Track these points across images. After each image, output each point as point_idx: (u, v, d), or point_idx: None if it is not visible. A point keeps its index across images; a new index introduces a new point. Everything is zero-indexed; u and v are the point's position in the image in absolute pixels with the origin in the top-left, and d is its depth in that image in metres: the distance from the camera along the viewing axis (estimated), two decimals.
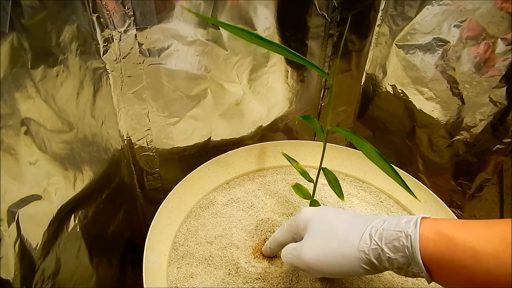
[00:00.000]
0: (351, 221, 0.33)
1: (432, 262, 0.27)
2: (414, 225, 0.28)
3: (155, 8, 0.41)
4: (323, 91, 0.63)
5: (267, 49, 0.34)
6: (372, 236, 0.30)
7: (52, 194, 0.36)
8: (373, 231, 0.30)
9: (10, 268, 0.31)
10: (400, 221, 0.30)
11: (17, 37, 0.29)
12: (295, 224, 0.37)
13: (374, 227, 0.31)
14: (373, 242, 0.30)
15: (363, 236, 0.30)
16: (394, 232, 0.29)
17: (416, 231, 0.28)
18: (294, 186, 0.46)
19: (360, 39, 0.59)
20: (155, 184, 0.57)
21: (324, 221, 0.34)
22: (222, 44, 0.48)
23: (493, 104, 0.50)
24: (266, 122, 0.61)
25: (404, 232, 0.28)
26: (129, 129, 0.50)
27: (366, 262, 0.30)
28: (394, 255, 0.29)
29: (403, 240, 0.28)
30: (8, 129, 0.29)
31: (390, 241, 0.29)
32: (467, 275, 0.26)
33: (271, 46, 0.33)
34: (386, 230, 0.29)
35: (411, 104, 0.60)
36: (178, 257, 0.43)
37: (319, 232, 0.34)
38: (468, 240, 0.26)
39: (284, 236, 0.38)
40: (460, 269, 0.26)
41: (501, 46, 0.47)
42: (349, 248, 0.31)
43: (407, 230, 0.28)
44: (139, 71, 0.45)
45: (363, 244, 0.30)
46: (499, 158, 0.52)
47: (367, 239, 0.30)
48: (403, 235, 0.28)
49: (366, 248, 0.30)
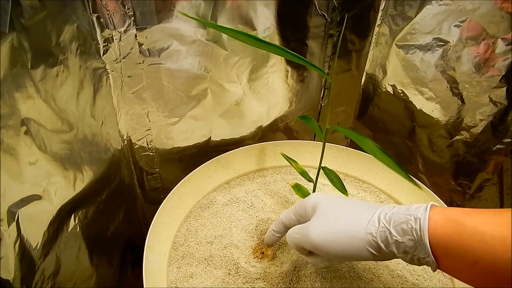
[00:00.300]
0: (360, 206, 0.33)
1: (439, 246, 0.27)
2: (424, 210, 0.29)
3: (155, 8, 0.41)
4: (323, 91, 0.63)
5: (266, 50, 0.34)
6: (381, 219, 0.30)
7: (52, 194, 0.36)
8: (382, 214, 0.31)
9: (10, 268, 0.31)
10: (410, 207, 0.30)
11: (17, 37, 0.29)
12: (303, 207, 0.36)
13: (384, 211, 0.31)
14: (381, 225, 0.30)
15: (372, 219, 0.31)
16: (403, 215, 0.29)
17: (425, 215, 0.28)
18: (294, 186, 0.46)
19: (360, 39, 0.59)
20: (155, 184, 0.57)
21: (333, 204, 0.34)
22: (222, 44, 0.48)
23: (493, 104, 0.50)
24: (266, 122, 0.61)
25: (414, 215, 0.29)
26: (129, 129, 0.50)
27: (372, 244, 0.30)
28: (401, 238, 0.29)
29: (412, 223, 0.28)
30: (8, 129, 0.29)
31: (399, 224, 0.29)
32: (474, 258, 0.26)
33: (271, 48, 0.33)
34: (395, 214, 0.30)
35: (411, 104, 0.60)
36: (178, 257, 0.43)
37: (327, 213, 0.34)
38: (476, 225, 0.26)
39: (290, 219, 0.38)
40: (467, 253, 0.26)
41: (501, 46, 0.47)
42: (357, 229, 0.31)
43: (416, 213, 0.29)
44: (139, 71, 0.45)
45: (371, 226, 0.30)
46: (499, 158, 0.52)
47: (375, 222, 0.30)
48: (412, 218, 0.28)
49: (373, 230, 0.30)
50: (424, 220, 0.28)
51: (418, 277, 0.41)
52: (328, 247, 0.32)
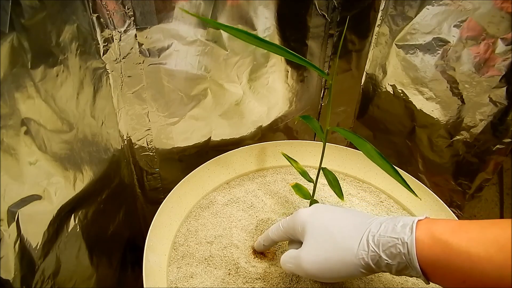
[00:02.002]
0: (348, 224, 0.33)
1: (428, 265, 0.28)
2: (410, 231, 0.29)
3: (155, 8, 0.41)
4: (323, 91, 0.63)
5: (266, 50, 0.34)
6: (370, 242, 0.30)
7: (52, 194, 0.36)
8: (370, 237, 0.31)
9: (10, 268, 0.31)
10: (396, 225, 0.30)
11: (17, 37, 0.29)
12: (292, 226, 0.37)
13: (371, 232, 0.31)
14: (370, 249, 0.30)
15: (361, 242, 0.31)
16: (390, 238, 0.29)
17: (412, 238, 0.28)
18: (294, 186, 0.46)
19: (360, 39, 0.59)
20: (155, 184, 0.57)
21: (321, 224, 0.34)
22: (222, 44, 0.48)
23: (493, 104, 0.50)
24: (266, 122, 0.61)
25: (401, 239, 0.29)
26: (129, 129, 0.50)
27: (365, 267, 0.31)
28: (392, 261, 0.29)
29: (400, 247, 0.28)
30: (8, 129, 0.29)
31: (387, 248, 0.29)
32: (462, 277, 0.26)
33: (271, 47, 0.33)
34: (383, 237, 0.30)
35: (411, 104, 0.60)
36: (178, 257, 0.43)
37: (316, 238, 0.34)
38: (462, 244, 0.26)
39: (280, 236, 0.39)
40: (455, 272, 0.26)
41: (501, 46, 0.47)
42: (348, 255, 0.31)
43: (403, 237, 0.29)
44: (139, 71, 0.45)
45: (361, 251, 0.30)
46: (499, 158, 0.52)
47: (365, 246, 0.30)
48: (400, 242, 0.29)
49: (364, 255, 0.30)
50: (411, 244, 0.28)
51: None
52: (322, 275, 0.33)
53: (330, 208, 0.37)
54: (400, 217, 0.31)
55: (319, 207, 0.37)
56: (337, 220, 0.34)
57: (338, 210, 0.36)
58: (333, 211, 0.36)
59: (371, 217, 0.33)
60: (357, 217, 0.34)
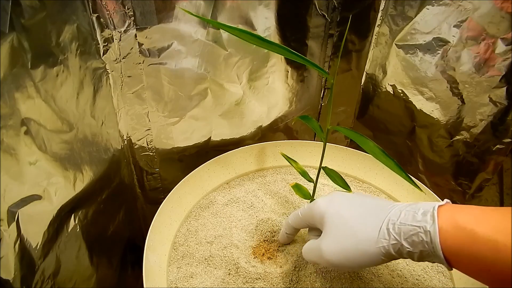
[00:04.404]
0: (367, 213, 0.33)
1: (452, 254, 0.27)
2: (432, 219, 0.28)
3: (155, 8, 0.41)
4: (323, 91, 0.63)
5: (268, 50, 0.34)
6: (390, 231, 0.30)
7: (52, 194, 0.36)
8: (390, 225, 0.30)
9: (10, 268, 0.31)
10: (416, 213, 0.29)
11: (17, 37, 0.29)
12: (310, 215, 0.37)
13: (391, 220, 0.30)
14: (392, 238, 0.30)
15: (381, 231, 0.31)
16: (412, 227, 0.29)
17: (435, 227, 0.28)
18: (294, 186, 0.46)
19: (360, 39, 0.59)
20: (155, 184, 0.57)
21: (339, 214, 0.34)
22: (222, 44, 0.48)
23: (493, 104, 0.50)
24: (266, 122, 0.61)
25: (423, 227, 0.28)
26: (129, 129, 0.50)
27: (386, 255, 0.30)
28: (413, 249, 0.29)
29: (422, 235, 0.28)
30: (8, 129, 0.29)
31: (409, 236, 0.29)
32: (487, 266, 0.26)
33: (272, 47, 0.33)
34: (404, 225, 0.29)
35: (411, 104, 0.60)
36: (178, 257, 0.43)
37: (335, 228, 0.34)
38: (488, 233, 0.26)
39: (299, 225, 0.40)
40: (480, 261, 0.26)
41: (501, 46, 0.47)
42: (369, 245, 0.31)
43: (425, 225, 0.28)
44: (139, 71, 0.45)
45: (382, 239, 0.30)
46: (499, 158, 0.52)
47: (385, 234, 0.30)
48: (422, 231, 0.28)
49: (385, 243, 0.30)
50: (434, 232, 0.28)
51: (418, 277, 0.41)
52: (343, 264, 0.33)
53: (347, 195, 0.36)
54: (419, 204, 0.31)
55: (336, 195, 0.37)
56: (355, 208, 0.34)
57: (356, 197, 0.36)
58: (350, 198, 0.36)
59: (389, 204, 0.33)
60: (375, 205, 0.34)
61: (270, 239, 0.45)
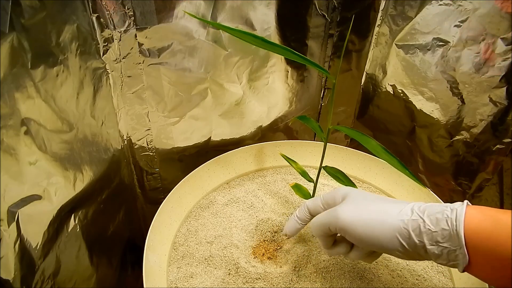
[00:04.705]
0: (392, 200, 0.34)
1: (474, 239, 0.27)
2: (461, 204, 0.29)
3: (155, 8, 0.41)
4: (323, 91, 0.63)
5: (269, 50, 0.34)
6: (414, 209, 0.30)
7: (52, 194, 0.36)
8: (415, 206, 0.31)
9: (10, 268, 0.31)
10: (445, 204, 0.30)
11: (17, 37, 0.29)
12: (332, 196, 0.36)
13: (417, 204, 0.31)
14: (414, 214, 0.30)
15: (404, 208, 0.31)
16: (439, 207, 0.30)
17: (463, 207, 0.29)
18: (294, 186, 0.46)
19: (360, 39, 0.59)
20: (155, 184, 0.57)
21: (364, 195, 0.35)
22: (222, 44, 0.48)
23: (493, 104, 0.50)
24: (266, 122, 0.61)
25: (450, 206, 0.29)
26: (129, 129, 0.50)
27: (402, 232, 0.30)
28: (434, 228, 0.29)
29: (448, 213, 0.29)
30: (8, 129, 0.29)
31: (433, 214, 0.29)
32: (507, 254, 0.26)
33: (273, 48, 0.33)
34: (430, 206, 0.30)
35: (411, 104, 0.60)
36: (178, 257, 0.43)
37: (358, 200, 0.34)
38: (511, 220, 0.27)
39: (317, 207, 0.38)
40: (503, 249, 0.26)
41: (501, 46, 0.47)
42: (388, 216, 0.31)
43: (453, 205, 0.29)
44: (139, 71, 0.45)
45: (403, 214, 0.30)
46: (499, 158, 0.52)
47: (408, 211, 0.30)
48: (448, 209, 0.29)
49: (406, 218, 0.30)
50: (461, 210, 0.28)
51: (418, 277, 0.41)
52: (355, 230, 0.32)
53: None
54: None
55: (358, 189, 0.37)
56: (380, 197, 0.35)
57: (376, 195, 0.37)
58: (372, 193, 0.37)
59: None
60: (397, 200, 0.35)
61: (270, 239, 0.45)
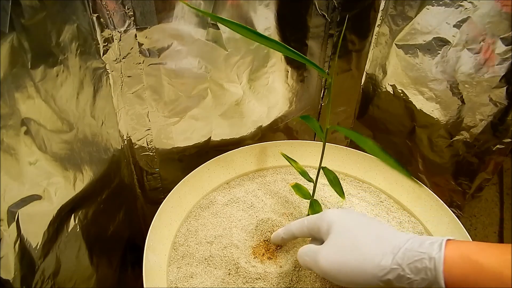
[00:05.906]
0: (374, 234, 0.33)
1: (455, 284, 0.27)
2: (439, 248, 0.28)
3: (155, 8, 0.41)
4: (323, 91, 0.63)
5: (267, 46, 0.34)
6: (394, 255, 0.30)
7: (52, 194, 0.36)
8: (395, 249, 0.30)
9: (10, 268, 0.31)
10: (424, 242, 0.29)
11: (17, 37, 0.29)
12: (318, 224, 0.36)
13: (397, 246, 0.30)
14: (394, 262, 0.29)
15: (385, 254, 0.30)
16: (417, 253, 0.29)
17: (440, 254, 0.28)
18: (294, 186, 0.46)
19: (360, 39, 0.59)
20: (155, 184, 0.57)
21: (348, 227, 0.34)
22: (222, 44, 0.48)
23: (493, 104, 0.50)
24: (266, 122, 0.61)
25: (428, 254, 0.28)
26: (129, 129, 0.50)
27: (384, 280, 0.30)
28: (415, 277, 0.28)
29: (426, 262, 0.28)
30: (8, 129, 0.29)
31: (413, 262, 0.29)
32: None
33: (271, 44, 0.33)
34: (409, 251, 0.29)
35: (411, 104, 0.60)
36: (178, 257, 0.43)
37: (340, 239, 0.33)
38: (494, 265, 0.26)
39: (302, 232, 0.38)
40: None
41: (501, 46, 0.47)
42: (369, 264, 0.30)
43: (431, 252, 0.28)
44: (139, 71, 0.45)
45: (383, 262, 0.30)
46: (499, 158, 0.52)
47: (388, 258, 0.30)
48: (427, 257, 0.28)
49: (386, 267, 0.30)
50: (439, 259, 0.28)
51: None
52: (336, 276, 0.32)
53: (359, 213, 0.37)
54: (428, 237, 0.31)
55: (348, 210, 0.37)
56: (365, 227, 0.34)
57: (367, 218, 0.36)
58: (361, 217, 0.36)
59: (398, 232, 0.33)
60: (384, 229, 0.33)
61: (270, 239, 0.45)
